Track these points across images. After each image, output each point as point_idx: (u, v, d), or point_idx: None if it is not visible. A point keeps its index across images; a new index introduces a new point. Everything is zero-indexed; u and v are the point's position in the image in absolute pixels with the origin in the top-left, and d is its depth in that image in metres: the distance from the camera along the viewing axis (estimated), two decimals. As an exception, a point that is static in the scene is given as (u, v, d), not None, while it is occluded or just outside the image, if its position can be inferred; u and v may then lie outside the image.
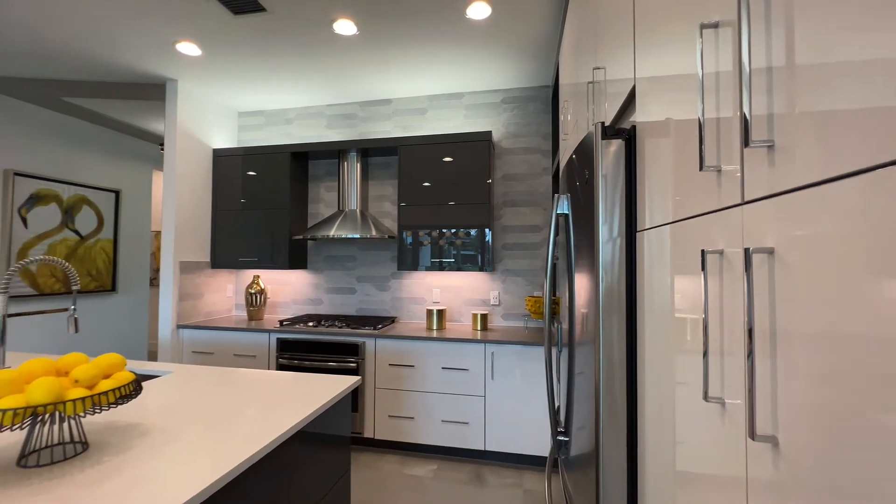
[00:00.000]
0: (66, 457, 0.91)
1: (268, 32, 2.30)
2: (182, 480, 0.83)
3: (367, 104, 3.30)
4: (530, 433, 2.37)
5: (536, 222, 2.95)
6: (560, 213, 1.23)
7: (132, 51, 2.51)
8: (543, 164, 2.96)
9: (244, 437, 1.04)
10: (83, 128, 3.80)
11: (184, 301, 2.98)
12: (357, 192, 3.06)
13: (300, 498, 1.19)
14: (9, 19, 2.18)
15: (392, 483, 2.25)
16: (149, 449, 0.96)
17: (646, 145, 0.77)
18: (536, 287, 2.93)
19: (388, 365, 2.59)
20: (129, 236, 4.26)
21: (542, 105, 2.98)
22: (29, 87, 3.06)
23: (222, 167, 3.22)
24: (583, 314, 1.09)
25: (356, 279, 3.23)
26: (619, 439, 0.89)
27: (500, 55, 2.55)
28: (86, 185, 3.80)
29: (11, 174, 3.23)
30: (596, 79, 1.23)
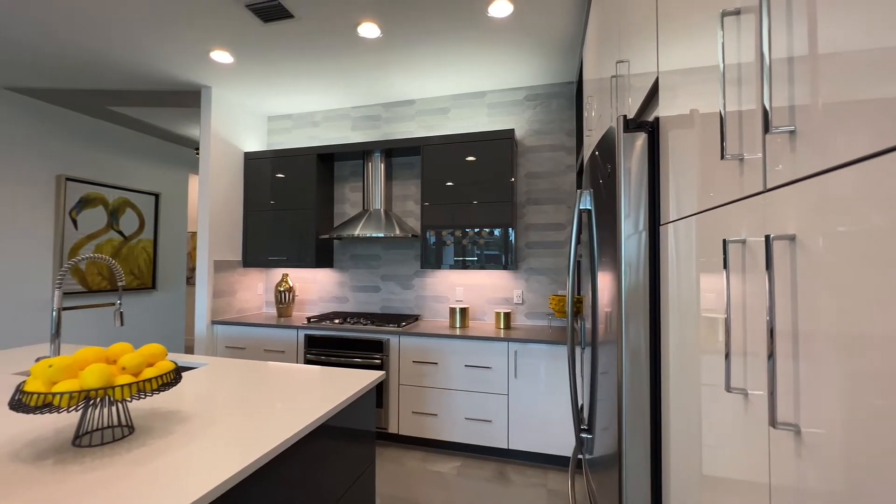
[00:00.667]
0: (115, 438, 0.98)
1: (295, 38, 2.38)
2: (219, 464, 0.88)
3: (390, 105, 3.35)
4: (554, 433, 2.35)
5: (560, 220, 2.92)
6: (583, 208, 1.22)
7: (170, 61, 2.64)
8: (567, 162, 2.93)
9: (274, 426, 1.08)
10: (126, 135, 4.03)
11: (218, 298, 3.12)
12: (381, 192, 3.12)
13: (327, 486, 1.23)
14: (62, 38, 2.34)
15: (416, 478, 2.28)
16: (188, 434, 1.02)
17: (669, 138, 0.76)
18: (560, 286, 2.90)
19: (411, 362, 2.63)
20: (168, 237, 4.49)
21: (566, 101, 2.94)
22: (79, 97, 3.28)
23: (253, 170, 3.34)
24: (606, 313, 1.07)
25: (380, 278, 3.29)
26: (643, 441, 0.88)
27: (522, 52, 2.54)
28: (129, 189, 4.03)
29: (63, 179, 3.47)
30: (619, 72, 1.21)
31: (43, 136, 3.37)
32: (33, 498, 0.74)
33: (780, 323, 0.38)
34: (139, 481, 0.80)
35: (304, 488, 1.12)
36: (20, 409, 0.86)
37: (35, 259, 3.31)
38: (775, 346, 0.39)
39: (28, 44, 2.44)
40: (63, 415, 1.13)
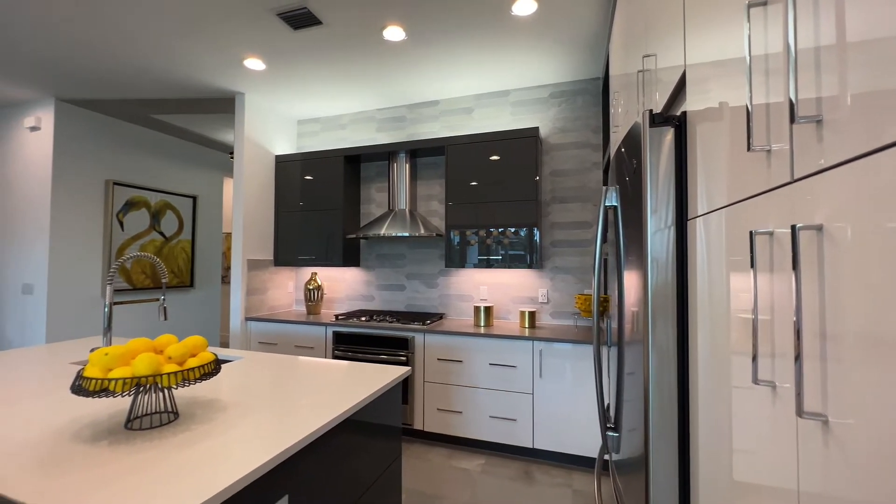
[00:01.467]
0: (162, 423, 1.05)
1: (324, 44, 2.45)
2: (256, 450, 0.93)
3: (414, 106, 3.39)
4: (580, 433, 2.33)
5: (586, 218, 2.88)
6: (609, 205, 1.21)
7: (207, 69, 2.78)
8: (593, 159, 2.88)
9: (305, 417, 1.13)
10: (166, 140, 4.26)
11: (251, 296, 3.25)
12: (406, 192, 3.16)
13: (354, 477, 1.27)
14: (112, 54, 2.51)
15: (441, 474, 2.31)
16: (227, 421, 1.08)
17: (697, 132, 0.75)
18: (587, 285, 2.86)
19: (436, 359, 2.66)
20: (204, 237, 4.71)
21: (592, 98, 2.90)
22: (126, 107, 3.49)
23: (283, 172, 3.46)
24: (632, 312, 1.06)
25: (405, 276, 3.34)
26: (670, 443, 0.86)
27: (546, 50, 2.52)
28: (169, 192, 4.26)
29: (111, 184, 3.71)
30: (646, 67, 1.20)
31: (94, 143, 3.61)
32: (92, 474, 0.81)
33: (806, 316, 0.38)
34: (185, 462, 0.86)
35: (333, 477, 1.16)
36: (81, 392, 0.94)
37: (87, 258, 3.55)
38: (801, 342, 0.38)
39: (81, 60, 2.63)
40: (117, 399, 1.22)
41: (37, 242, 3.35)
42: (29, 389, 1.33)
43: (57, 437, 0.97)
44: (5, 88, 3.13)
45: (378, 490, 1.40)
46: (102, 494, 0.74)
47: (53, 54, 2.58)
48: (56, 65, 2.73)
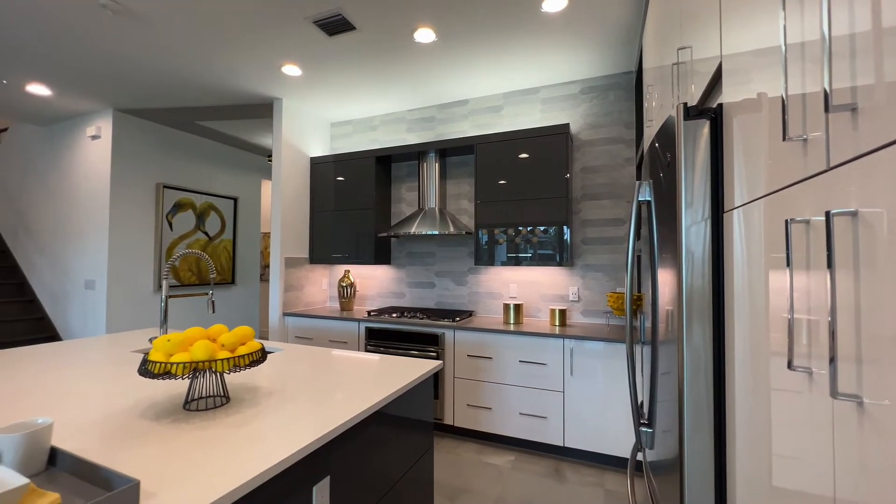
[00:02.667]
0: (215, 406, 1.14)
1: (357, 48, 2.53)
2: (301, 432, 0.99)
3: (444, 106, 3.44)
4: (612, 432, 2.30)
5: (619, 215, 2.82)
6: (642, 200, 1.20)
7: (248, 77, 2.93)
8: (626, 155, 2.83)
9: (343, 404, 1.19)
10: (209, 145, 4.51)
11: (288, 292, 3.40)
12: (436, 191, 3.21)
13: (388, 465, 1.32)
14: (162, 66, 2.70)
15: (470, 469, 2.34)
16: (273, 406, 1.16)
17: (734, 123, 0.74)
18: (619, 283, 2.81)
19: (466, 356, 2.69)
20: (244, 237, 4.96)
21: (624, 93, 2.84)
22: (174, 115, 3.73)
23: (318, 173, 3.60)
24: (667, 311, 1.05)
25: (435, 274, 3.39)
26: (706, 446, 0.85)
27: (577, 45, 2.50)
28: (212, 194, 4.51)
29: (161, 187, 3.97)
30: (681, 59, 1.18)
31: (146, 149, 3.88)
32: (163, 447, 0.90)
33: (841, 305, 0.38)
34: (238, 441, 0.93)
35: (369, 463, 1.22)
36: (147, 375, 1.03)
37: (140, 256, 3.82)
38: (836, 339, 0.38)
39: (136, 73, 2.84)
40: (175, 383, 1.33)
41: (98, 242, 3.63)
42: (99, 374, 1.46)
43: (127, 415, 1.07)
44: (72, 101, 3.42)
45: (411, 479, 1.45)
46: (176, 464, 0.82)
47: (112, 69, 2.80)
48: (114, 78, 2.96)
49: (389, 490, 1.30)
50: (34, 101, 3.43)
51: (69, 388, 1.29)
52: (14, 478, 0.65)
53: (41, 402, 1.17)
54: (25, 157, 4.29)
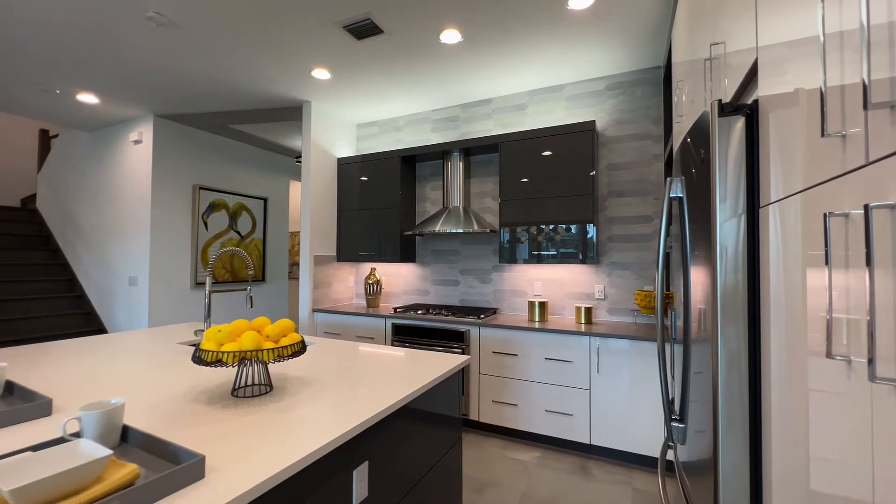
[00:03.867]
0: (260, 393, 1.21)
1: (384, 51, 2.59)
2: (342, 418, 1.05)
3: (468, 106, 3.46)
4: (639, 431, 2.28)
5: (646, 213, 2.79)
6: (673, 196, 1.20)
7: (279, 82, 3.04)
8: (654, 151, 2.78)
9: (379, 394, 1.24)
10: (241, 148, 4.69)
11: (317, 289, 3.51)
12: (460, 189, 3.25)
13: (419, 454, 1.37)
14: (198, 73, 2.83)
15: (497, 464, 2.37)
16: (312, 395, 1.22)
17: (770, 119, 0.74)
18: (647, 281, 2.77)
19: (491, 352, 2.72)
20: (274, 236, 5.13)
21: (652, 88, 2.80)
22: (209, 119, 3.90)
23: (345, 173, 3.69)
24: (699, 310, 1.04)
25: (459, 272, 3.43)
26: (741, 448, 0.84)
27: (603, 41, 2.48)
28: (244, 195, 4.69)
29: (197, 188, 4.16)
30: (714, 55, 1.17)
31: (183, 152, 4.07)
32: (218, 427, 0.97)
33: (880, 298, 0.39)
34: (283, 426, 1.00)
35: (403, 452, 1.27)
36: (200, 362, 1.11)
37: (178, 255, 4.02)
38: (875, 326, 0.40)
39: (177, 81, 2.99)
40: (222, 371, 1.42)
41: (140, 241, 3.84)
42: (150, 363, 1.57)
43: (181, 400, 1.16)
44: (117, 108, 3.63)
45: (440, 470, 1.49)
46: (232, 444, 0.89)
47: (154, 78, 2.96)
48: (155, 86, 3.12)
49: (420, 480, 1.35)
50: (83, 109, 3.65)
51: (125, 375, 1.40)
52: (98, 450, 0.72)
53: (103, 388, 1.27)
54: (74, 162, 4.57)
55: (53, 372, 1.43)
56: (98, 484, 0.68)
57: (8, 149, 5.70)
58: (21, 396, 1.13)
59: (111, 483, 0.68)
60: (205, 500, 0.68)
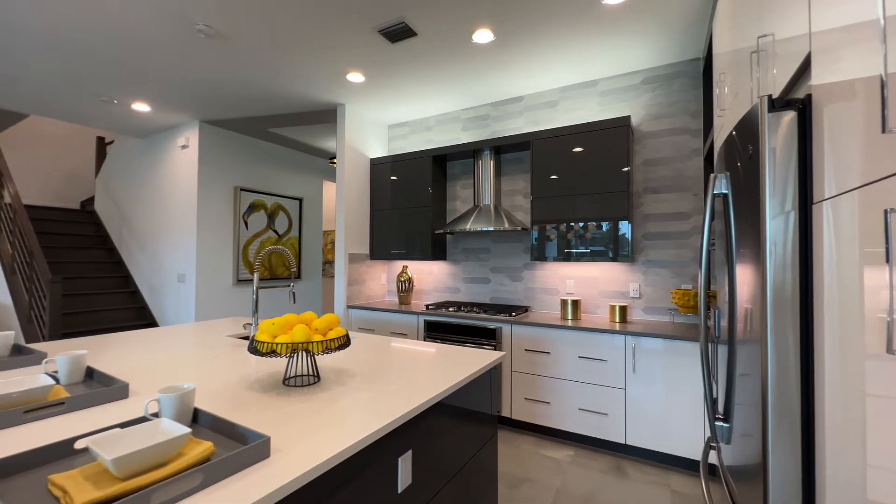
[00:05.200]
0: (309, 383, 1.28)
1: (417, 53, 2.64)
2: (387, 408, 1.10)
3: (498, 104, 3.47)
4: (677, 432, 2.23)
5: (684, 209, 2.71)
6: (717, 193, 1.18)
7: (316, 86, 3.15)
8: (692, 146, 2.70)
9: (421, 387, 1.29)
10: (278, 150, 4.88)
11: (351, 286, 3.61)
12: (490, 187, 3.26)
13: (457, 446, 1.41)
14: (241, 79, 2.98)
15: (530, 460, 2.38)
16: (357, 386, 1.28)
17: (824, 114, 0.73)
18: (684, 279, 2.70)
19: (523, 350, 2.73)
20: (308, 234, 5.31)
21: (691, 81, 2.71)
22: (249, 123, 4.09)
23: (377, 173, 3.78)
24: (746, 310, 1.02)
25: (490, 270, 3.44)
26: (791, 453, 0.81)
27: (639, 34, 2.43)
28: (281, 195, 4.88)
29: (238, 189, 4.37)
30: (762, 46, 1.14)
31: (226, 155, 4.28)
32: (275, 413, 1.05)
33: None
34: (332, 414, 1.06)
35: (443, 443, 1.31)
36: (255, 352, 1.19)
37: (221, 253, 4.24)
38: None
39: (221, 88, 3.16)
40: (273, 362, 1.51)
41: (187, 240, 4.08)
42: (205, 354, 1.69)
43: (237, 387, 1.25)
44: (166, 115, 3.86)
45: (476, 464, 1.52)
46: (290, 428, 0.96)
47: (201, 86, 3.14)
48: (202, 94, 3.31)
49: (457, 473, 1.39)
50: (137, 117, 3.91)
51: (185, 364, 1.51)
52: (178, 428, 0.80)
53: (167, 375, 1.38)
54: (127, 166, 4.90)
55: (121, 360, 1.56)
56: (180, 458, 0.75)
57: (69, 155, 6.17)
58: (100, 381, 1.25)
59: (191, 458, 0.75)
60: (273, 476, 0.75)
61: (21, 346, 1.59)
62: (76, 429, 0.94)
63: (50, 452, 0.78)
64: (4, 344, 1.50)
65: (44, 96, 3.37)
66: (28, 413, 0.96)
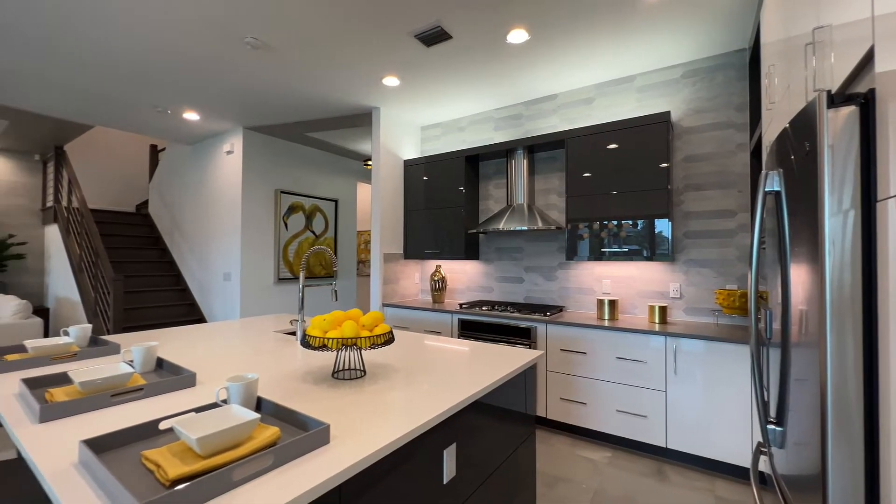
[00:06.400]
0: (357, 377, 1.35)
1: (452, 56, 2.68)
2: (433, 402, 1.14)
3: (531, 103, 3.45)
4: (721, 437, 2.16)
5: (729, 206, 2.61)
6: (769, 190, 1.14)
7: (354, 91, 3.26)
8: (737, 140, 2.59)
9: (463, 382, 1.33)
10: (315, 154, 5.06)
11: (386, 285, 3.70)
12: (524, 186, 3.26)
13: (497, 442, 1.44)
14: (285, 89, 3.12)
15: (566, 460, 2.37)
16: (401, 381, 1.33)
17: (890, 109, 0.70)
18: (729, 279, 2.60)
19: (559, 350, 2.71)
20: (343, 234, 5.47)
21: (736, 73, 2.61)
22: (289, 129, 4.26)
23: (411, 175, 3.85)
24: (801, 311, 0.99)
25: (524, 269, 3.44)
26: (853, 465, 0.78)
27: (680, 27, 2.36)
28: (318, 197, 5.06)
29: (279, 192, 4.56)
30: (817, 38, 1.10)
31: (267, 160, 4.49)
32: (330, 403, 1.11)
33: None
34: (379, 406, 1.11)
35: (481, 439, 1.34)
36: (308, 346, 1.27)
37: (263, 253, 4.45)
38: None
39: (263, 96, 3.32)
40: (319, 356, 1.59)
41: (232, 241, 4.31)
42: (257, 348, 1.80)
43: (290, 379, 1.33)
44: (214, 123, 4.10)
45: (515, 461, 1.54)
46: (344, 417, 1.02)
47: (245, 94, 3.31)
48: (246, 102, 3.49)
49: (496, 469, 1.41)
50: (187, 125, 4.17)
51: (240, 357, 1.62)
52: (248, 413, 0.87)
53: (226, 366, 1.49)
54: (177, 171, 5.22)
55: (182, 352, 1.69)
56: (251, 441, 0.82)
57: (125, 162, 6.64)
58: (169, 370, 1.37)
59: (261, 441, 0.82)
60: (335, 460, 0.80)
61: (96, 338, 1.75)
62: (155, 412, 1.04)
63: (138, 432, 0.87)
64: (83, 335, 1.66)
65: (109, 109, 3.66)
66: (114, 397, 1.07)
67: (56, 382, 1.21)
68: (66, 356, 1.49)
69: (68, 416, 1.00)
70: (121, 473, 0.74)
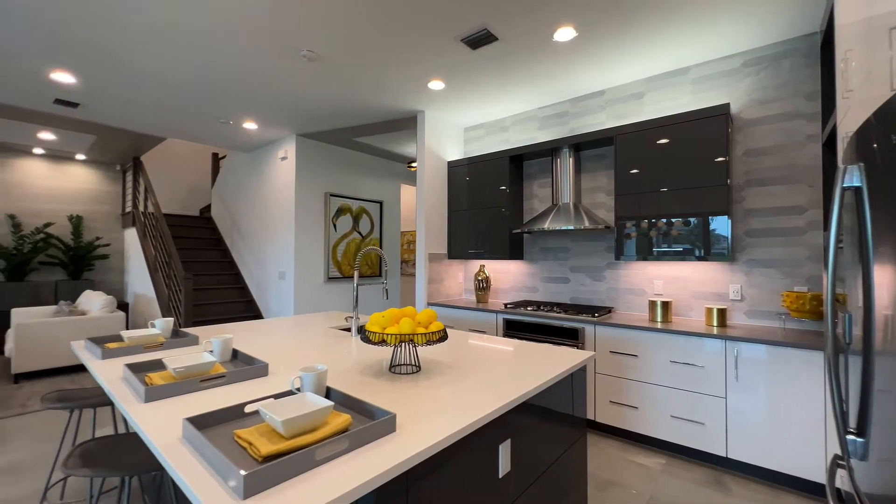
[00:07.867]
0: (412, 372, 1.41)
1: (497, 57, 2.70)
2: (487, 398, 1.18)
3: (577, 100, 3.39)
4: (788, 449, 2.02)
5: (797, 202, 2.43)
6: (848, 186, 1.07)
7: (401, 96, 3.36)
8: (807, 131, 2.41)
9: (516, 380, 1.35)
10: (361, 157, 5.24)
11: (430, 284, 3.78)
12: (570, 185, 3.21)
13: (550, 440, 1.44)
14: (337, 97, 3.28)
15: (617, 465, 2.32)
16: (456, 376, 1.38)
17: None
18: (796, 281, 2.42)
19: (608, 352, 2.65)
20: (388, 235, 5.63)
21: (804, 59, 2.43)
22: (338, 135, 4.46)
23: (454, 175, 3.90)
24: (886, 316, 0.92)
25: (569, 269, 3.38)
26: None
27: (740, 14, 2.23)
28: (364, 199, 5.24)
29: (328, 195, 4.78)
30: (905, 20, 1.02)
31: (318, 164, 4.72)
32: (388, 396, 1.18)
33: None
34: (436, 399, 1.16)
35: (534, 437, 1.35)
36: (367, 341, 1.34)
37: (314, 253, 4.68)
38: None
39: (315, 104, 3.50)
40: (374, 351, 1.67)
41: (287, 241, 4.57)
42: (316, 342, 1.91)
43: (351, 373, 1.41)
44: (269, 131, 4.37)
45: (567, 461, 1.54)
46: (406, 409, 1.07)
47: (299, 104, 3.50)
48: (299, 111, 3.69)
49: (549, 468, 1.42)
50: (246, 134, 4.47)
51: (300, 350, 1.73)
52: (322, 401, 0.95)
53: (291, 358, 1.60)
54: (236, 177, 5.61)
55: (250, 344, 1.84)
56: (325, 426, 0.90)
57: (191, 170, 7.21)
58: (243, 360, 1.50)
59: (334, 426, 0.89)
60: (402, 447, 0.86)
61: (177, 330, 1.94)
62: (236, 397, 1.15)
63: (227, 413, 0.97)
64: (167, 327, 1.84)
65: (180, 122, 4.01)
66: (203, 382, 1.19)
67: (152, 368, 1.37)
68: (154, 345, 1.67)
69: (166, 397, 1.13)
70: (219, 448, 0.83)
